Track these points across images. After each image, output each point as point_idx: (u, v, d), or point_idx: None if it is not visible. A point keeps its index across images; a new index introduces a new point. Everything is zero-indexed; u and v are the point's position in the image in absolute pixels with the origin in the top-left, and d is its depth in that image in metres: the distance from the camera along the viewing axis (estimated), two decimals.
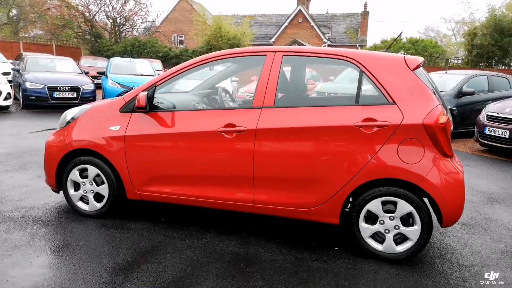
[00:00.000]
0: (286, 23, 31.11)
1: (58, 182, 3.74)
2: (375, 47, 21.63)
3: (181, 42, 33.37)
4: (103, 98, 12.26)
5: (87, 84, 11.28)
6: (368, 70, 3.05)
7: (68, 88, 10.73)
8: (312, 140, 3.05)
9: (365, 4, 32.57)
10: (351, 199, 3.10)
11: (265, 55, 3.30)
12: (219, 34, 23.31)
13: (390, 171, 2.90)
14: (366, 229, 3.03)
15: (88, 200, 3.67)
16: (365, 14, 32.40)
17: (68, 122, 3.73)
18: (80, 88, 10.92)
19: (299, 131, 3.07)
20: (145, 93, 3.32)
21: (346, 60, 3.13)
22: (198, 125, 3.30)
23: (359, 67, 3.08)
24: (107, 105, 3.66)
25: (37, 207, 3.88)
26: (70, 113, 3.79)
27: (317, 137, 3.04)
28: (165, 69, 17.03)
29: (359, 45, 32.07)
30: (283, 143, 3.11)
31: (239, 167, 3.22)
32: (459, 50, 26.58)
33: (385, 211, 2.97)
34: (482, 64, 19.35)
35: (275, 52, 3.28)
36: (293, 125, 3.09)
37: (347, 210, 3.15)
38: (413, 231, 2.94)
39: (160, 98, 3.54)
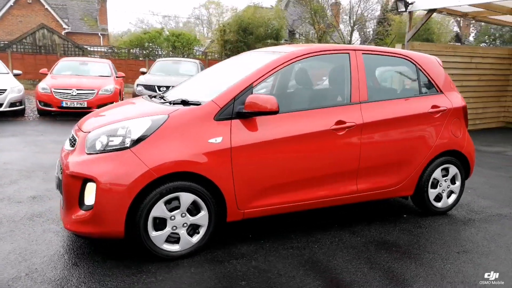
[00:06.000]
0: (11, 3, 25.88)
1: (128, 226, 2.67)
2: (140, 38, 21.16)
3: None
4: None
5: None
6: (422, 67, 3.80)
7: None
8: (402, 127, 3.56)
9: None
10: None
11: (348, 53, 3.48)
12: None
13: (449, 144, 3.80)
14: (432, 193, 3.84)
15: (178, 237, 2.82)
16: (103, 2, 30.90)
17: (136, 142, 2.68)
18: None
19: (392, 121, 3.51)
20: (271, 96, 2.88)
21: (407, 59, 3.76)
22: (310, 125, 3.17)
23: (415, 65, 3.78)
24: (192, 113, 2.85)
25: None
26: (134, 130, 2.71)
27: (405, 124, 3.58)
28: None
29: (101, 34, 30.55)
30: (381, 133, 3.47)
31: (348, 161, 3.35)
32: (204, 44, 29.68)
33: (442, 176, 3.87)
34: None
35: (355, 50, 3.51)
36: (388, 116, 3.49)
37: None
38: (457, 187, 3.97)
39: None
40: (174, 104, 3.09)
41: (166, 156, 2.69)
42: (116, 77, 11.17)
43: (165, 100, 3.34)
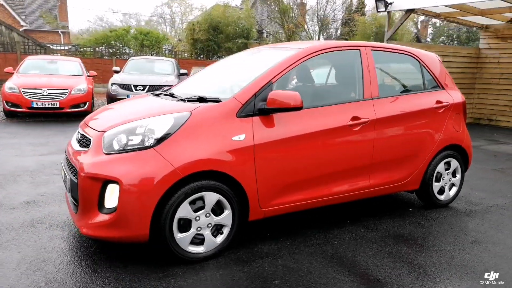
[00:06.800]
0: None
1: (154, 228, 2.54)
2: (107, 37, 20.34)
3: None
4: None
5: None
6: (425, 64, 3.89)
7: None
8: (411, 122, 3.63)
9: None
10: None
11: (359, 49, 3.49)
12: None
13: (451, 139, 3.91)
14: (436, 186, 3.93)
15: (202, 238, 2.72)
16: None
17: (159, 140, 2.55)
18: None
19: (402, 116, 3.57)
20: (294, 92, 2.82)
21: (411, 56, 3.84)
22: (328, 121, 3.15)
23: (419, 62, 3.87)
24: (215, 110, 2.75)
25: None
26: (157, 128, 2.58)
27: (414, 119, 3.64)
28: None
29: (61, 32, 29.36)
30: (393, 129, 3.52)
31: (362, 156, 3.37)
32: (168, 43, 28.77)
33: (445, 170, 3.97)
34: (202, 56, 22.25)
35: (365, 46, 3.53)
36: (398, 112, 3.54)
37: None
38: (458, 180, 4.10)
39: None
40: (189, 101, 2.98)
41: (191, 154, 2.58)
42: (88, 76, 10.72)
43: (176, 97, 3.22)
